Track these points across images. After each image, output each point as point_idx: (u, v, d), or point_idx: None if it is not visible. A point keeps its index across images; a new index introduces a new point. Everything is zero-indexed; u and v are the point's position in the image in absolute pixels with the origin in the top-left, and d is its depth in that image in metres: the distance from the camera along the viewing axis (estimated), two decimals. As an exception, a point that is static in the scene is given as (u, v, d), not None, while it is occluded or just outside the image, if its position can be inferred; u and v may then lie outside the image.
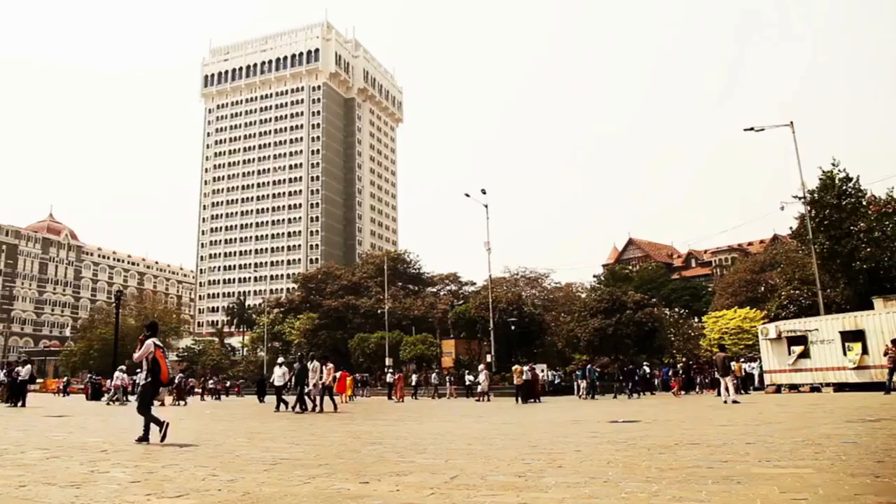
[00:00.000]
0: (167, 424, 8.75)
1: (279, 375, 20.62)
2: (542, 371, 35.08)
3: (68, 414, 17.95)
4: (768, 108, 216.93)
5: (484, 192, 39.54)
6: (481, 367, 31.00)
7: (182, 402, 28.84)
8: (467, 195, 40.27)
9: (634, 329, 38.62)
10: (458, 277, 67.33)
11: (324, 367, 19.20)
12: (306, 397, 18.65)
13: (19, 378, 24.09)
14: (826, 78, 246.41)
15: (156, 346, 9.07)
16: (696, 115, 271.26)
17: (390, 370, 39.96)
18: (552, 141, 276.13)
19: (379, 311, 53.49)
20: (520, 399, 25.83)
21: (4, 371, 30.39)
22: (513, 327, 41.76)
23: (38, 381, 49.61)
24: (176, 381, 29.00)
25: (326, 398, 19.21)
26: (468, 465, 6.54)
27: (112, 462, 6.77)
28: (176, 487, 5.09)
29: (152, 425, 8.75)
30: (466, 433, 11.14)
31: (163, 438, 8.63)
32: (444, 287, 67.59)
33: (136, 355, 9.18)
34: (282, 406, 19.59)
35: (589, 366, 29.95)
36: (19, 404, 23.04)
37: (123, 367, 30.39)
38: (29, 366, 26.65)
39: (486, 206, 39.98)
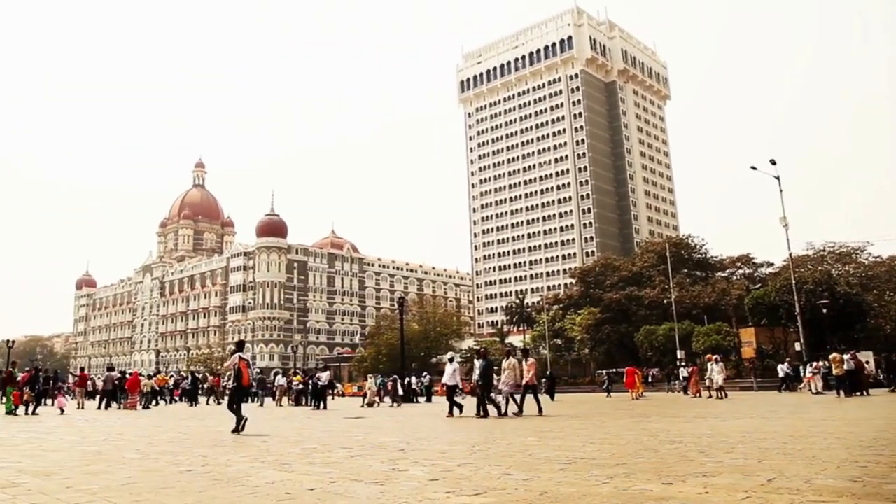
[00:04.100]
0: (246, 420, 11.45)
1: (449, 374, 17.67)
2: (867, 360, 30.41)
3: (364, 416, 19.06)
4: None
5: (773, 162, 35.47)
6: (710, 357, 28.33)
7: (396, 404, 28.17)
8: (754, 168, 36.58)
9: None
10: (752, 259, 61.68)
11: (524, 363, 16.60)
12: (495, 398, 16.11)
13: (320, 383, 25.85)
14: None
15: (241, 358, 11.65)
16: None
17: (683, 363, 38.08)
18: (840, 96, 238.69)
19: (665, 301, 51.09)
20: (842, 392, 22.77)
21: (291, 379, 34.21)
22: (824, 310, 36.84)
23: (339, 385, 51.70)
24: (388, 384, 29.25)
25: (530, 398, 16.60)
26: (786, 466, 5.88)
27: (410, 461, 7.12)
28: (473, 486, 5.25)
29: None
30: (779, 430, 10.08)
31: (241, 430, 11.18)
32: (736, 271, 62.44)
33: (225, 364, 11.69)
34: (455, 410, 16.34)
35: None
36: (321, 407, 24.59)
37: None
38: (328, 371, 29.78)
39: (777, 178, 35.85)
